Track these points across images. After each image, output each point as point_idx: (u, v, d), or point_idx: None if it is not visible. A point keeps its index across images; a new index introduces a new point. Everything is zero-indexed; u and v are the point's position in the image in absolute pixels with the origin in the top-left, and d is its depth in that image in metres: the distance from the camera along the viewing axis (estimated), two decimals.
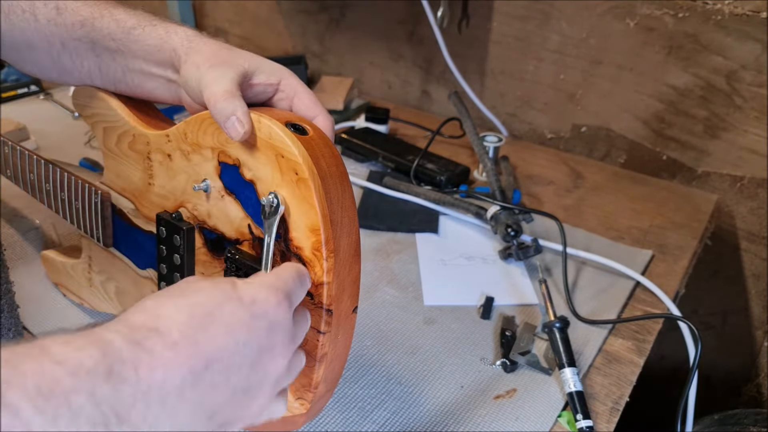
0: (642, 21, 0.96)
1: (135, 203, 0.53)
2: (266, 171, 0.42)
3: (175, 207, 0.49)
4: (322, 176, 0.40)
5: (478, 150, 0.93)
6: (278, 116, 0.42)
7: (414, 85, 1.29)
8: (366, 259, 0.80)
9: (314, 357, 0.42)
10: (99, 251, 0.59)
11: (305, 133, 0.41)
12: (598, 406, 0.60)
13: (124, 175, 0.54)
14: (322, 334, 0.42)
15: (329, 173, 0.41)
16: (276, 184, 0.41)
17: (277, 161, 0.41)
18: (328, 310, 0.41)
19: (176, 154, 0.48)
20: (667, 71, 0.97)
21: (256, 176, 0.43)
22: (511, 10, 1.08)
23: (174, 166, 0.48)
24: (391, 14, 1.24)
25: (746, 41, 0.89)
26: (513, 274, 0.78)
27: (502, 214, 0.80)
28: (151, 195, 0.52)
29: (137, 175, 0.52)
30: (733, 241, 1.02)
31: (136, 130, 0.51)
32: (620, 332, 0.69)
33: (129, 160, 0.53)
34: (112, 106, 0.53)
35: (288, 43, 1.46)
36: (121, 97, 0.53)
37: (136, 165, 0.52)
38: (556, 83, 1.10)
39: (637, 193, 0.97)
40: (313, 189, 0.39)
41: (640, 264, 0.79)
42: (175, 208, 0.49)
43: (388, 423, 0.57)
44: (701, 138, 0.99)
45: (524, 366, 0.64)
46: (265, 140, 0.41)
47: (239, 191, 0.44)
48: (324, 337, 0.42)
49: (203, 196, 0.47)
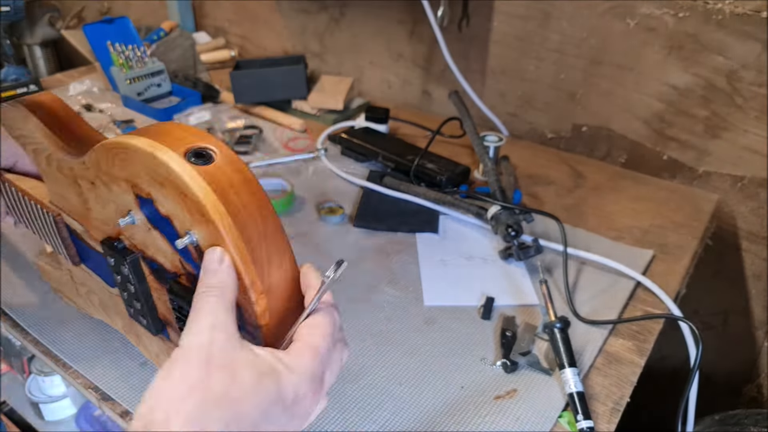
0: (642, 21, 0.96)
1: (83, 225, 0.50)
2: (176, 209, 0.37)
3: (117, 234, 0.46)
4: (234, 212, 0.35)
5: (479, 150, 0.92)
6: (179, 140, 0.36)
7: (414, 85, 1.29)
8: (366, 259, 0.79)
9: None
10: (78, 268, 0.57)
11: (209, 160, 0.36)
12: (598, 407, 0.59)
13: (66, 196, 0.50)
14: None
15: (243, 205, 0.36)
16: (188, 223, 0.36)
17: (182, 200, 0.36)
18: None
19: (98, 183, 0.43)
20: (668, 71, 0.97)
21: (170, 212, 0.38)
22: (511, 9, 1.08)
23: (101, 194, 0.44)
24: (390, 13, 1.24)
25: (747, 41, 0.89)
26: (513, 274, 0.78)
27: (503, 214, 0.80)
28: (92, 220, 0.48)
29: (74, 198, 0.48)
30: (734, 241, 1.02)
31: (57, 155, 0.47)
32: (621, 332, 0.69)
33: (63, 183, 0.49)
34: (30, 127, 0.48)
35: (287, 42, 1.46)
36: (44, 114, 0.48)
37: (70, 188, 0.48)
38: (556, 83, 1.09)
39: (638, 193, 0.96)
40: (223, 232, 0.35)
41: (640, 264, 0.79)
42: (117, 235, 0.46)
43: (388, 423, 0.57)
44: (702, 138, 0.99)
45: (525, 366, 0.63)
46: (164, 177, 0.36)
47: (161, 226, 0.40)
48: None
49: (130, 226, 0.43)
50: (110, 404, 0.58)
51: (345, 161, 1.04)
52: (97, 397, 0.59)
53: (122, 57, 1.17)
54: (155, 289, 0.46)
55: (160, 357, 0.52)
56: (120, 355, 0.63)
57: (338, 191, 0.95)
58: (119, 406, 0.58)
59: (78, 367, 0.62)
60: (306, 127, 1.14)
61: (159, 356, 0.52)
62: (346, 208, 0.90)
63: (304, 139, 1.11)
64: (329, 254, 0.80)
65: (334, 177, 0.99)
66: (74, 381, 0.61)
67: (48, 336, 0.66)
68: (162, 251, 0.42)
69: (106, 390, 0.59)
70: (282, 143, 1.09)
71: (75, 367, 0.62)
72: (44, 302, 0.70)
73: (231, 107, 1.19)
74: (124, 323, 0.56)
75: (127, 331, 0.56)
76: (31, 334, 0.66)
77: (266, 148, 1.06)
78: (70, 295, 0.65)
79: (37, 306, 0.70)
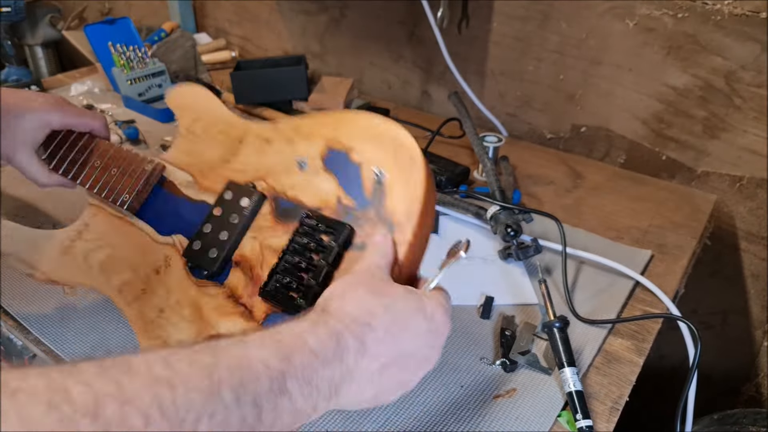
0: (641, 21, 0.96)
1: (195, 177, 0.61)
2: (376, 154, 0.51)
3: (248, 181, 0.57)
4: (427, 166, 0.49)
5: (478, 150, 0.93)
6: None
7: (414, 86, 1.30)
8: None
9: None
10: (103, 220, 0.62)
11: None
12: (597, 406, 0.60)
13: (197, 152, 0.62)
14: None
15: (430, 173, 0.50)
16: (382, 164, 0.51)
17: (394, 151, 0.50)
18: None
19: (277, 139, 0.57)
20: (667, 71, 0.98)
21: (364, 158, 0.52)
22: (510, 10, 1.09)
23: (269, 149, 0.57)
24: (391, 15, 1.24)
25: (745, 41, 0.89)
26: (513, 273, 0.78)
27: (502, 214, 0.80)
28: (223, 170, 0.60)
29: (215, 153, 0.61)
30: (733, 241, 1.02)
31: (234, 121, 0.62)
32: (620, 332, 0.69)
33: (210, 142, 0.62)
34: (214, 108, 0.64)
35: (288, 43, 1.47)
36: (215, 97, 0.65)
37: (218, 146, 0.61)
38: (555, 83, 1.10)
39: (637, 193, 0.97)
40: (424, 169, 0.48)
41: (639, 264, 0.79)
42: (248, 181, 0.57)
43: (388, 423, 0.57)
44: (700, 138, 0.99)
45: (524, 365, 0.64)
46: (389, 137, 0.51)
47: (340, 170, 0.52)
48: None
49: (293, 171, 0.55)
50: None
51: None
52: None
53: (123, 58, 1.18)
54: (258, 227, 0.55)
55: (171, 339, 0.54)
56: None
57: None
58: None
59: None
60: None
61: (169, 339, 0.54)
62: None
63: None
64: None
65: None
66: None
67: (49, 335, 0.66)
68: (318, 190, 0.53)
69: None
70: None
71: None
72: (46, 302, 0.70)
73: (232, 108, 1.19)
74: (129, 287, 0.57)
75: (127, 302, 0.57)
76: (32, 334, 0.67)
77: None
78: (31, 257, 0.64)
79: (38, 305, 0.70)
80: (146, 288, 0.57)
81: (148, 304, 0.55)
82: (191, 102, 0.66)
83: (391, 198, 0.49)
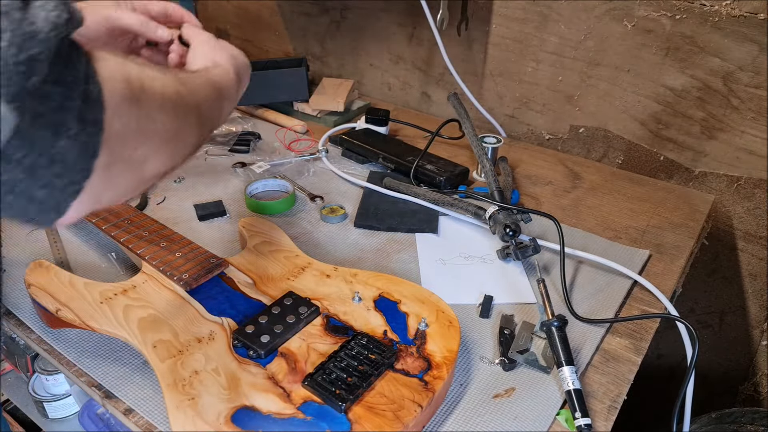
0: (639, 23, 0.97)
1: (256, 281, 0.68)
2: (422, 311, 0.64)
3: (306, 296, 0.66)
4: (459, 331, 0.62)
5: (477, 151, 0.93)
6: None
7: (414, 87, 1.30)
8: (366, 259, 0.80)
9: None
10: (153, 288, 0.66)
11: None
12: (596, 405, 0.60)
13: (261, 265, 0.71)
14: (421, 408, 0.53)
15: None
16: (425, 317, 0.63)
17: (436, 312, 0.63)
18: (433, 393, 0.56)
19: (336, 277, 0.69)
20: (665, 73, 0.98)
21: (410, 311, 0.64)
22: (509, 12, 1.09)
23: (328, 281, 0.68)
24: (391, 17, 1.25)
25: (743, 43, 0.89)
26: (511, 273, 0.78)
27: (501, 214, 0.81)
28: (283, 283, 0.68)
29: (277, 270, 0.70)
30: (730, 240, 1.03)
31: (299, 253, 0.73)
32: (618, 331, 0.70)
33: (274, 262, 0.71)
34: (283, 239, 0.75)
35: (289, 45, 1.47)
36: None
37: (280, 266, 0.70)
38: (554, 85, 1.10)
39: (635, 194, 0.97)
40: (459, 330, 0.61)
41: (637, 263, 0.80)
42: (306, 297, 0.66)
43: None
44: (698, 139, 0.99)
45: (523, 365, 0.64)
46: (433, 303, 0.65)
47: (389, 313, 0.64)
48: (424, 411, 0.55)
49: (348, 302, 0.65)
50: (113, 402, 0.59)
51: (346, 162, 1.05)
52: (100, 395, 0.60)
53: None
54: (308, 332, 0.61)
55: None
56: (123, 353, 0.64)
57: (339, 192, 0.96)
58: (122, 404, 0.59)
59: (81, 365, 0.63)
60: (308, 129, 1.15)
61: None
62: (347, 208, 0.91)
63: (305, 141, 1.12)
64: (330, 253, 0.81)
65: (336, 178, 1.00)
66: (78, 379, 0.62)
67: (51, 334, 0.66)
68: (367, 321, 0.63)
69: (109, 388, 0.60)
70: (284, 144, 1.10)
71: (78, 365, 0.63)
72: None
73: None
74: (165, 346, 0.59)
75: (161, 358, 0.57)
76: (35, 332, 0.67)
77: (263, 153, 1.07)
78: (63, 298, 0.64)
79: None
80: (183, 351, 0.57)
81: (184, 365, 0.56)
82: (263, 229, 0.77)
83: (432, 344, 0.60)
